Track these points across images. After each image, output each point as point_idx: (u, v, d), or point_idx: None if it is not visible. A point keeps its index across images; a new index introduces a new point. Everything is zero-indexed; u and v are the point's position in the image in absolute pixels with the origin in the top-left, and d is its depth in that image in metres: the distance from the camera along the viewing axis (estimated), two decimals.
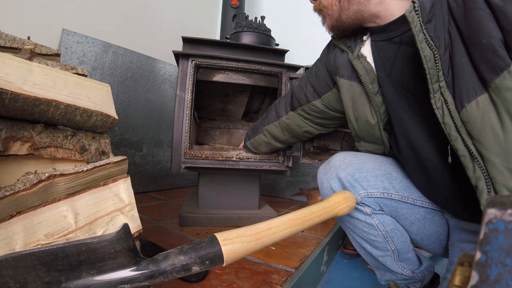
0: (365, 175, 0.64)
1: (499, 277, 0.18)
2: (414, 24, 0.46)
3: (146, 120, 1.58)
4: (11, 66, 0.43)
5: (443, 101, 0.47)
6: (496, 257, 0.18)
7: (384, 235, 0.65)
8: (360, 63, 0.64)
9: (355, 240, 0.71)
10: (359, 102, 0.66)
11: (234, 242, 0.40)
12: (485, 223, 0.18)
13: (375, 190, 0.63)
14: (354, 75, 0.66)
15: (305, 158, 1.07)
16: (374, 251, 0.67)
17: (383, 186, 0.63)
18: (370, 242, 0.67)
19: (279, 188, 1.74)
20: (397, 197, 0.64)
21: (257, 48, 1.10)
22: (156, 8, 1.68)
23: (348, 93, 0.68)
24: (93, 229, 0.44)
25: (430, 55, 0.46)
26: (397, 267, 0.67)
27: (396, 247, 0.66)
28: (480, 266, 0.18)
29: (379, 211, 0.65)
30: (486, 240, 0.18)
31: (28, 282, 0.33)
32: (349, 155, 0.68)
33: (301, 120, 0.87)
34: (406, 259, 0.68)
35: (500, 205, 0.18)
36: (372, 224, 0.64)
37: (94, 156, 0.52)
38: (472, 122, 0.44)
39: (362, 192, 0.62)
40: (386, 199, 0.64)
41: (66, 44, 1.22)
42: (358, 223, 0.66)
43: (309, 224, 0.50)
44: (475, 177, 0.46)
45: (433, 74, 0.47)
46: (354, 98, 0.67)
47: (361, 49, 0.64)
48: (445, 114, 0.47)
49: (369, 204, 0.63)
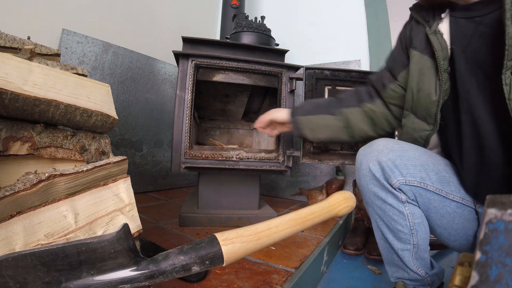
0: (405, 162, 0.65)
1: (499, 277, 0.18)
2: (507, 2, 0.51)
3: (146, 120, 1.58)
4: (11, 66, 0.43)
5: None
6: (496, 257, 0.18)
7: (411, 226, 0.66)
8: (436, 39, 0.66)
9: (379, 229, 0.71)
10: (427, 75, 0.68)
11: (234, 242, 0.40)
12: (485, 223, 0.18)
13: (413, 179, 0.64)
14: (427, 49, 0.68)
15: (305, 158, 1.07)
16: (395, 243, 0.68)
17: (421, 176, 0.65)
18: (395, 232, 0.67)
19: (279, 188, 1.74)
20: (432, 188, 0.65)
21: (257, 48, 1.10)
22: (156, 8, 1.68)
23: (418, 65, 0.70)
24: (93, 229, 0.44)
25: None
26: (413, 265, 0.68)
27: (418, 242, 0.67)
28: (480, 266, 0.18)
29: (412, 201, 0.66)
30: (486, 240, 0.18)
31: (28, 282, 0.33)
32: (391, 141, 0.69)
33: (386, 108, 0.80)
34: (422, 258, 0.68)
35: (500, 205, 0.18)
36: (403, 212, 0.65)
37: (94, 156, 0.52)
38: None
39: (401, 179, 0.63)
40: (422, 189, 0.65)
41: (66, 44, 1.22)
42: (389, 209, 0.67)
43: (309, 224, 0.50)
44: None
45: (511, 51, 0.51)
46: (422, 70, 0.69)
47: (439, 25, 0.67)
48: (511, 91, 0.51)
49: (405, 192, 0.64)
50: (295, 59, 1.62)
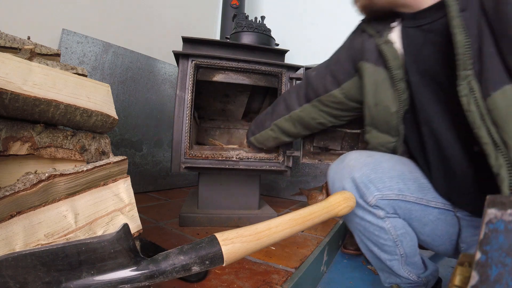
0: (380, 175, 0.62)
1: (499, 277, 0.18)
2: (452, 9, 0.48)
3: (146, 120, 1.58)
4: (11, 66, 0.43)
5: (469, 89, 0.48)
6: (496, 257, 0.18)
7: (395, 239, 0.63)
8: (388, 48, 0.64)
9: (363, 243, 0.69)
10: (382, 87, 0.66)
11: (234, 242, 0.40)
12: (485, 223, 0.18)
13: (390, 192, 0.61)
14: (380, 60, 0.66)
15: (305, 158, 1.07)
16: (382, 255, 0.66)
17: (398, 188, 0.62)
18: (380, 246, 0.65)
19: (279, 188, 1.74)
20: (412, 198, 0.62)
21: (257, 48, 1.10)
22: (156, 8, 1.68)
23: (372, 77, 0.67)
24: (93, 229, 0.44)
25: (462, 41, 0.48)
26: (404, 271, 0.66)
27: (405, 251, 0.64)
28: (480, 266, 0.18)
29: (392, 214, 0.63)
30: (486, 240, 0.18)
31: (28, 282, 0.33)
32: (364, 154, 0.67)
33: (316, 112, 0.84)
34: (413, 263, 0.67)
35: (500, 205, 0.18)
36: (384, 227, 0.63)
37: (94, 156, 0.52)
38: (497, 110, 0.45)
39: (377, 194, 0.61)
40: (400, 201, 0.62)
41: (66, 44, 1.22)
42: (369, 226, 0.64)
43: (309, 224, 0.50)
44: (497, 165, 0.46)
45: (463, 61, 0.48)
46: (377, 83, 0.67)
47: (390, 35, 0.65)
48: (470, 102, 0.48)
49: (383, 207, 0.62)
50: (295, 59, 1.62)
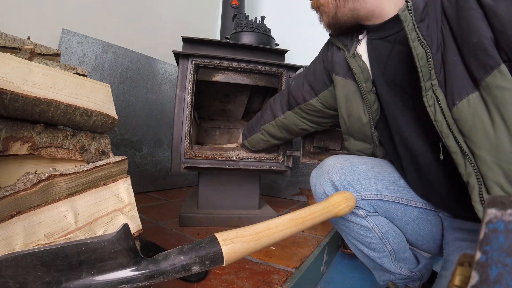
0: (358, 177, 0.64)
1: (499, 277, 0.18)
2: (407, 23, 0.47)
3: (146, 120, 1.58)
4: (11, 66, 0.43)
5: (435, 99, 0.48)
6: (496, 257, 0.18)
7: (380, 236, 0.65)
8: (355, 62, 0.64)
9: (352, 243, 0.71)
10: (353, 99, 0.67)
11: (234, 242, 0.40)
12: (485, 223, 0.18)
13: (368, 192, 0.63)
14: (349, 73, 0.67)
15: (305, 158, 1.07)
16: (371, 253, 0.67)
17: (376, 188, 0.64)
18: (367, 244, 0.67)
19: (279, 188, 1.74)
20: (391, 198, 0.64)
21: (257, 48, 1.10)
22: (156, 8, 1.68)
23: (343, 90, 0.69)
24: (93, 229, 0.44)
25: (422, 53, 0.47)
26: (395, 267, 0.67)
27: (392, 248, 0.66)
28: (480, 266, 0.18)
29: (374, 213, 0.65)
30: (486, 240, 0.18)
31: (28, 282, 0.33)
32: (341, 158, 0.68)
33: (298, 119, 0.87)
34: (403, 258, 0.68)
35: (500, 205, 0.18)
36: (367, 226, 0.64)
37: (94, 156, 0.52)
38: (463, 119, 0.45)
39: (356, 195, 0.62)
40: (379, 201, 0.64)
41: (66, 44, 1.22)
42: (353, 226, 0.66)
43: (309, 224, 0.50)
44: (467, 174, 0.46)
45: (425, 72, 0.48)
46: (348, 95, 0.68)
47: (357, 48, 0.65)
48: (437, 112, 0.48)
49: (363, 207, 0.63)
50: (295, 59, 1.62)
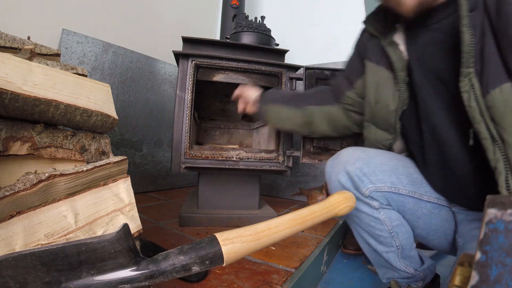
0: (373, 169, 0.64)
1: (499, 277, 0.18)
2: (463, 8, 0.50)
3: (146, 120, 1.58)
4: (11, 66, 0.43)
5: (470, 86, 0.50)
6: (496, 257, 0.18)
7: (390, 230, 0.65)
8: (393, 50, 0.65)
9: (360, 235, 0.71)
10: (383, 86, 0.68)
11: (234, 242, 0.40)
12: (485, 223, 0.18)
13: (383, 185, 0.64)
14: (382, 60, 0.68)
15: (305, 158, 1.07)
16: (378, 247, 0.68)
17: (391, 181, 0.64)
18: (376, 237, 0.67)
19: (279, 188, 1.74)
20: (404, 191, 0.65)
21: (257, 48, 1.10)
22: (156, 8, 1.68)
23: (374, 76, 0.69)
24: (93, 229, 0.44)
25: (468, 40, 0.50)
26: (400, 264, 0.68)
27: (400, 243, 0.66)
28: (480, 266, 0.18)
29: (387, 206, 0.65)
30: (486, 240, 0.18)
31: (28, 282, 0.33)
32: (358, 150, 0.68)
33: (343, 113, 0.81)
34: (409, 256, 0.68)
35: (500, 205, 0.18)
36: (379, 218, 0.65)
37: (94, 156, 0.52)
38: (496, 107, 0.47)
39: (371, 186, 0.63)
40: (393, 194, 0.64)
41: (66, 44, 1.22)
42: (365, 217, 0.66)
43: (309, 224, 0.50)
44: (495, 159, 0.48)
45: (467, 58, 0.50)
46: (378, 82, 0.69)
47: (394, 36, 0.66)
48: (471, 98, 0.50)
49: (377, 198, 0.64)
50: (295, 59, 1.62)
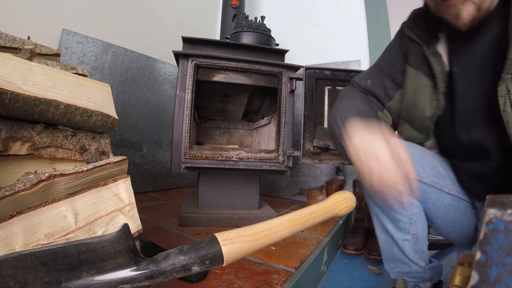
0: None
1: (499, 277, 0.18)
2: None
3: (146, 120, 1.58)
4: (11, 66, 0.43)
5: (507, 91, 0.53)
6: (496, 257, 0.18)
7: (410, 216, 0.68)
8: (436, 61, 0.66)
9: (379, 221, 0.72)
10: (421, 92, 0.69)
11: (234, 242, 0.40)
12: (485, 223, 0.18)
13: None
14: (422, 67, 0.68)
15: (305, 158, 1.07)
16: (395, 234, 0.69)
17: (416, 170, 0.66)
18: (395, 222, 0.69)
19: (279, 188, 1.74)
20: (428, 181, 0.68)
21: (257, 48, 1.10)
22: (156, 8, 1.68)
23: (413, 81, 0.70)
24: (93, 229, 0.44)
25: None
26: (413, 256, 0.69)
27: (417, 232, 0.68)
28: (480, 266, 0.18)
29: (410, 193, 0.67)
30: (486, 240, 0.18)
31: (28, 282, 0.33)
32: None
33: None
34: (422, 251, 0.70)
35: (500, 205, 0.18)
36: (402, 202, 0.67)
37: (94, 156, 0.52)
38: None
39: None
40: (418, 182, 0.67)
41: (66, 44, 1.22)
42: None
43: (309, 224, 0.50)
44: None
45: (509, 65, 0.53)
46: (417, 88, 0.69)
47: (437, 46, 0.66)
48: (506, 103, 0.53)
49: None
50: (295, 59, 1.62)
